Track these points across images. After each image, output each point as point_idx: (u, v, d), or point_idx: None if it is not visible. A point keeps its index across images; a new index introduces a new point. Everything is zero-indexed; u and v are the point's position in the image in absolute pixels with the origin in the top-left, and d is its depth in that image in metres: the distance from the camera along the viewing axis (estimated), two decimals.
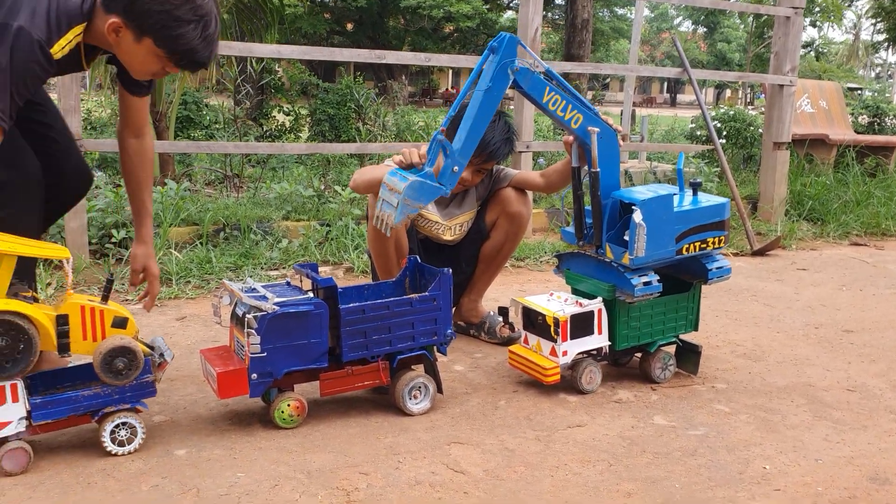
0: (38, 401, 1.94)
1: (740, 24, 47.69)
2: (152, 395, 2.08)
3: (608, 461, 2.10)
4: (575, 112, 2.42)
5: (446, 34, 32.83)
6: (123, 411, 2.03)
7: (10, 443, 1.90)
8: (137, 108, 2.46)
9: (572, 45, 13.69)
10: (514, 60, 2.31)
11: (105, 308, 1.98)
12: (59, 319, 1.93)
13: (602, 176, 2.47)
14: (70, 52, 2.05)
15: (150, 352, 2.07)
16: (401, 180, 2.25)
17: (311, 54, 4.62)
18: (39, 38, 1.91)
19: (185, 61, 2.11)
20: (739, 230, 5.42)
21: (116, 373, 1.97)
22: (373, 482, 1.94)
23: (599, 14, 34.31)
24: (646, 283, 2.47)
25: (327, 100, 9.72)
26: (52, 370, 2.10)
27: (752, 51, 30.21)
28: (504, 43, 2.29)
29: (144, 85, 2.40)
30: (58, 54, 1.98)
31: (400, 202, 2.22)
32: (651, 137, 10.94)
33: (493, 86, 2.30)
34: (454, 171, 2.30)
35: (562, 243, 4.92)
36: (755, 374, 2.82)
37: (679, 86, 55.37)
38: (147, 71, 2.17)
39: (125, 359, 1.97)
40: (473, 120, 2.30)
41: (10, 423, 1.90)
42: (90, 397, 2.00)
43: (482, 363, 2.87)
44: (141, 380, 2.03)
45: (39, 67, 1.95)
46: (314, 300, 2.20)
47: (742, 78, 7.30)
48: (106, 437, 2.01)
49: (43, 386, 2.04)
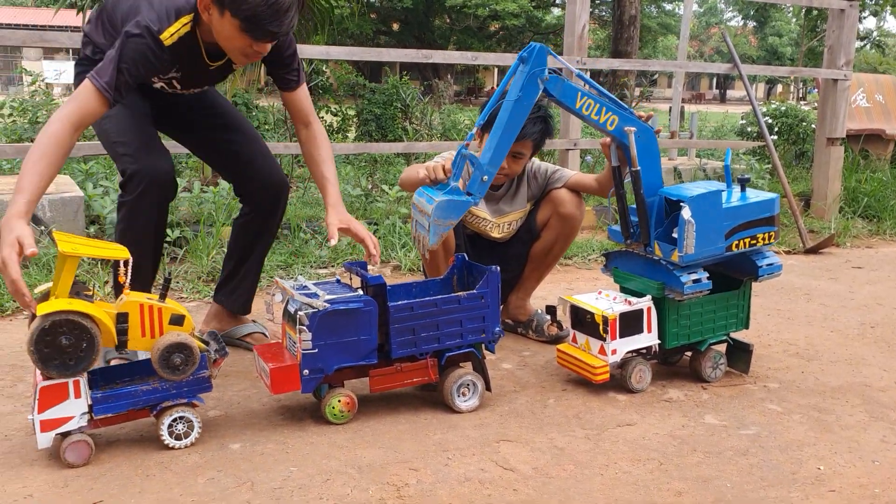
0: (99, 395, 2.01)
1: (792, 17, 46.71)
2: (208, 390, 2.13)
3: (658, 460, 2.09)
4: (610, 114, 2.41)
5: (492, 32, 32.79)
6: (180, 406, 2.09)
7: (73, 436, 1.97)
8: (294, 102, 2.62)
9: (619, 42, 13.57)
10: (543, 70, 2.30)
11: (163, 306, 2.04)
12: (119, 317, 1.99)
13: (644, 174, 2.46)
14: (182, 41, 2.26)
15: (206, 348, 2.12)
16: (428, 201, 2.27)
17: (359, 55, 4.67)
18: (149, 24, 2.19)
19: (253, 29, 2.19)
20: (792, 228, 5.32)
21: (173, 368, 2.03)
22: (423, 478, 1.96)
23: (646, 10, 33.90)
24: (695, 281, 2.45)
25: (374, 100, 9.79)
26: (112, 366, 2.17)
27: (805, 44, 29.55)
28: (534, 53, 2.29)
29: (292, 80, 2.57)
30: (168, 41, 2.23)
31: (431, 224, 2.25)
32: (700, 134, 10.80)
33: (523, 95, 2.31)
34: (483, 180, 2.31)
35: (609, 242, 4.89)
36: (808, 374, 2.78)
37: (729, 81, 54.45)
38: (237, 49, 2.28)
39: (182, 354, 2.03)
40: (503, 130, 2.32)
41: (73, 418, 1.96)
42: (148, 392, 2.06)
43: (530, 361, 2.87)
44: (197, 375, 2.09)
45: (149, 49, 2.19)
46: (364, 298, 2.23)
47: (794, 73, 7.16)
48: (164, 430, 2.07)
49: (103, 381, 2.10)
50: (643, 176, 2.45)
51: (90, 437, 2.00)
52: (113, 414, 2.04)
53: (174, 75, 2.49)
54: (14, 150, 3.82)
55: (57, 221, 3.98)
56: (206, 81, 2.64)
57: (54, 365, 1.90)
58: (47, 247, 3.87)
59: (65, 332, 1.88)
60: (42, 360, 1.88)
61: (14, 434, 2.17)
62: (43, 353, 1.88)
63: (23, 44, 3.78)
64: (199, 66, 2.48)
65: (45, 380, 1.93)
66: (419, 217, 2.32)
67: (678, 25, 36.34)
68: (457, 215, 2.30)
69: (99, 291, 2.65)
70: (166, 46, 2.23)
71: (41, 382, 1.92)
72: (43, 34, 3.72)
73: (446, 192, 2.29)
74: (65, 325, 1.88)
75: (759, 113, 5.75)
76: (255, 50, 2.28)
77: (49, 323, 1.87)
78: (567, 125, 5.12)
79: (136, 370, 2.13)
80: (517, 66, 2.33)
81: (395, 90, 9.49)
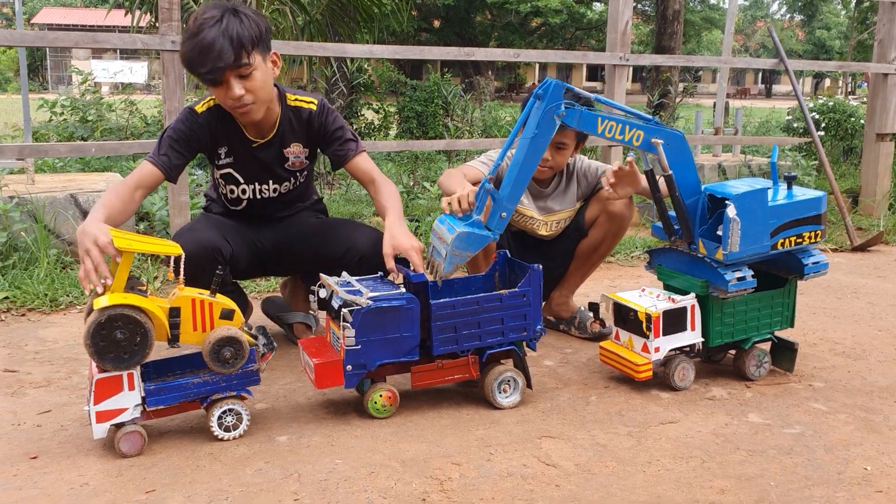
0: (152, 387, 2.07)
1: (841, 9, 45.72)
2: (257, 383, 2.18)
3: (701, 458, 2.09)
4: (634, 131, 2.40)
5: (533, 28, 32.66)
6: (230, 398, 2.14)
7: (127, 427, 2.03)
8: (355, 170, 2.71)
9: (663, 37, 13.42)
10: (559, 105, 2.31)
11: (214, 301, 2.09)
12: (171, 312, 2.05)
13: (679, 178, 2.44)
14: (213, 112, 2.56)
15: (255, 342, 2.17)
16: (448, 231, 2.30)
17: (402, 53, 4.70)
18: (191, 106, 2.57)
19: (199, 76, 2.40)
20: (839, 225, 5.23)
21: (224, 361, 2.08)
22: (465, 472, 1.99)
23: (690, 4, 33.48)
24: (740, 279, 2.44)
25: (415, 97, 9.85)
26: (164, 359, 2.23)
27: (854, 38, 28.90)
28: (549, 90, 2.30)
29: (348, 151, 2.68)
30: (199, 109, 2.55)
31: (448, 253, 2.28)
32: (745, 130, 10.64)
33: (539, 133, 2.32)
34: (502, 216, 2.34)
35: (653, 239, 4.86)
36: (855, 373, 2.74)
37: (774, 76, 53.52)
38: (223, 103, 2.48)
39: (232, 348, 2.08)
40: (520, 167, 2.34)
41: (127, 410, 2.03)
42: (199, 385, 2.11)
43: (572, 358, 2.88)
44: (246, 368, 2.14)
45: (185, 117, 2.55)
46: (406, 295, 2.26)
47: (843, 67, 7.04)
48: (214, 422, 2.12)
49: (155, 373, 2.16)
50: (678, 179, 2.44)
51: (143, 428, 2.06)
52: (165, 406, 2.11)
53: (228, 161, 2.65)
54: (67, 148, 3.93)
55: None
56: (265, 172, 2.70)
57: (109, 358, 1.96)
58: None
59: (120, 327, 1.95)
60: (98, 353, 1.95)
61: (70, 424, 2.25)
62: (99, 347, 1.94)
63: (76, 45, 3.89)
64: (243, 144, 2.62)
65: (101, 372, 1.99)
66: (437, 243, 2.35)
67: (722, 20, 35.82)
68: (475, 248, 2.33)
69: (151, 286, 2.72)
70: (199, 113, 2.55)
71: (97, 375, 1.99)
72: (95, 35, 3.82)
73: (468, 224, 2.31)
74: (120, 319, 1.95)
75: (805, 109, 5.66)
76: (229, 98, 2.42)
77: (105, 317, 1.93)
78: None
79: (186, 363, 2.19)
80: (533, 104, 2.34)
81: (437, 87, 9.53)
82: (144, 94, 11.70)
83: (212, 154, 2.65)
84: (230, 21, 2.34)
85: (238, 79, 2.38)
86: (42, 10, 39.29)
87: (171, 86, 3.85)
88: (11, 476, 1.94)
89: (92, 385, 1.99)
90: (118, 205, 2.30)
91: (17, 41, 3.82)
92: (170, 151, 2.49)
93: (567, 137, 2.88)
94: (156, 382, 2.09)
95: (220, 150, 2.64)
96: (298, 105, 2.65)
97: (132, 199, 2.38)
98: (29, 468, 1.98)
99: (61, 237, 4.00)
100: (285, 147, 2.67)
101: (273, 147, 2.66)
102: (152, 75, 29.76)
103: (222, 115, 2.57)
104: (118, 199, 2.32)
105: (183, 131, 2.52)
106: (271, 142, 2.65)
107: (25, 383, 2.57)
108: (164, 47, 3.77)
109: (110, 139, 7.43)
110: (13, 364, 2.74)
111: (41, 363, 2.76)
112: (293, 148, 2.69)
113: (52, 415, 2.32)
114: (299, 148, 2.70)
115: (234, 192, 2.73)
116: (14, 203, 3.89)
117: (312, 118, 2.66)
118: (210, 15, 2.35)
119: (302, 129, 2.68)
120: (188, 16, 6.84)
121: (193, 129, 2.54)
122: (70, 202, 4.04)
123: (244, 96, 2.41)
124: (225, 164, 2.66)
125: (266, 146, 2.65)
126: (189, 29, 2.37)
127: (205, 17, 2.35)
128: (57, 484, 1.90)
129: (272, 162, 2.69)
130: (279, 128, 2.64)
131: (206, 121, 2.55)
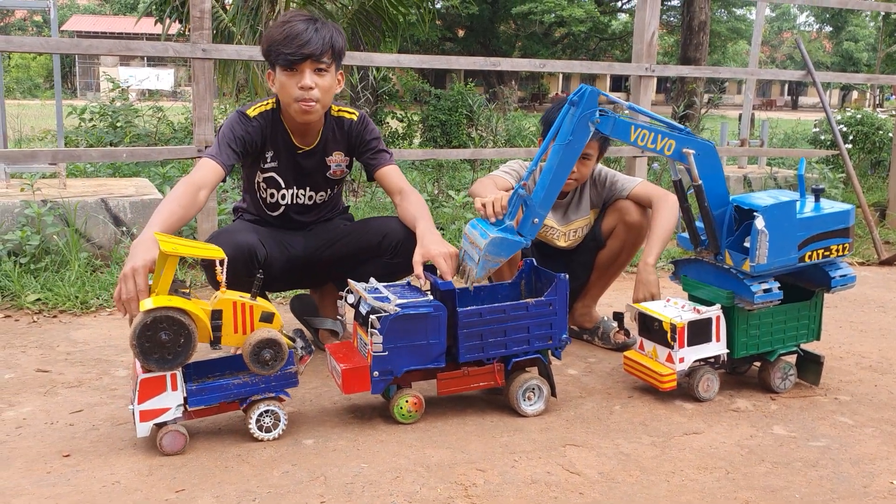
0: (194, 388, 2.12)
1: (870, 21, 45.29)
2: (294, 385, 2.22)
3: (725, 469, 2.09)
4: (666, 140, 2.41)
5: (557, 38, 32.66)
6: (268, 399, 2.18)
7: (169, 426, 2.08)
8: (384, 180, 2.79)
9: (689, 48, 13.38)
10: (594, 112, 2.33)
11: (254, 304, 2.13)
12: (213, 314, 2.09)
13: (708, 189, 2.45)
14: (265, 117, 2.65)
15: (293, 345, 2.21)
16: (481, 235, 2.32)
17: (428, 63, 4.74)
18: (242, 110, 2.66)
19: (278, 58, 2.50)
20: (866, 238, 5.19)
21: (263, 363, 2.12)
22: (490, 479, 2.00)
23: (716, 14, 33.32)
24: (766, 291, 2.44)
25: (439, 106, 9.89)
26: (204, 361, 2.26)
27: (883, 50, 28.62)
28: (585, 97, 2.32)
29: (380, 160, 2.79)
30: (251, 113, 2.64)
31: (481, 258, 2.31)
32: (771, 142, 10.58)
33: (574, 139, 2.34)
34: (534, 222, 2.36)
35: (676, 250, 4.85)
36: (881, 387, 2.73)
37: (801, 88, 53.10)
38: (290, 97, 2.54)
39: (271, 350, 2.12)
40: (554, 173, 2.36)
41: (170, 409, 2.07)
42: (239, 386, 2.16)
43: (596, 368, 2.88)
44: (285, 370, 2.18)
45: (237, 119, 2.62)
46: (434, 302, 2.28)
47: (871, 80, 6.98)
48: (252, 423, 2.16)
49: (196, 374, 2.20)
50: (707, 190, 2.45)
51: (184, 428, 2.10)
52: (206, 406, 2.15)
53: (273, 165, 2.73)
54: (100, 154, 4.00)
55: (138, 223, 4.15)
56: (306, 178, 2.79)
57: (154, 359, 2.01)
58: (128, 246, 4.03)
59: (164, 328, 1.99)
60: (143, 353, 2.00)
61: (101, 424, 2.29)
62: (144, 347, 1.99)
63: (109, 52, 3.96)
64: (289, 149, 2.72)
65: (145, 373, 2.04)
66: (469, 248, 2.38)
67: (749, 30, 35.56)
68: (507, 254, 2.35)
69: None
70: (251, 117, 2.63)
71: (141, 375, 2.03)
72: (129, 43, 3.89)
73: (500, 230, 2.33)
74: (165, 321, 1.99)
75: (833, 121, 5.63)
76: (300, 90, 2.51)
77: (151, 319, 1.98)
78: None
79: (226, 365, 2.23)
80: (567, 110, 2.36)
81: (461, 97, 9.56)
82: (171, 101, 11.83)
83: (258, 157, 2.73)
84: (323, 24, 2.53)
85: (314, 72, 2.52)
86: (72, 17, 39.90)
87: (201, 93, 3.91)
88: (45, 474, 1.98)
89: (137, 385, 2.03)
90: (179, 211, 2.35)
91: (52, 48, 3.90)
92: (228, 151, 2.57)
93: (591, 148, 2.89)
94: (197, 383, 2.13)
95: (267, 154, 2.73)
96: (341, 115, 2.78)
97: (194, 202, 2.43)
98: (62, 466, 2.02)
99: (92, 241, 4.07)
100: (328, 155, 2.78)
101: (316, 155, 2.76)
102: (178, 82, 30.07)
103: (273, 120, 2.68)
104: (179, 206, 2.36)
105: (239, 133, 2.61)
106: (315, 149, 2.75)
107: (58, 383, 2.62)
108: (195, 55, 3.83)
109: (139, 145, 7.54)
110: (46, 364, 2.80)
111: (73, 364, 2.81)
112: (335, 156, 2.80)
113: (83, 414, 2.36)
114: (340, 156, 2.81)
115: (275, 196, 2.80)
116: (48, 207, 3.96)
117: (353, 127, 2.78)
118: (303, 14, 2.54)
119: (343, 138, 2.79)
120: (217, 23, 6.94)
121: (248, 132, 2.63)
122: (101, 206, 4.11)
123: (314, 90, 2.52)
124: (269, 168, 2.75)
125: (310, 153, 2.75)
126: (276, 21, 2.54)
127: (297, 13, 2.53)
128: (89, 482, 1.94)
129: (314, 169, 2.78)
130: (323, 136, 2.75)
131: (258, 124, 2.65)
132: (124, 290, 2.06)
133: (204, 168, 2.52)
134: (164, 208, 2.34)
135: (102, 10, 44.33)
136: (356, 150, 2.82)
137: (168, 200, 2.38)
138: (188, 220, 2.44)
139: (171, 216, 2.32)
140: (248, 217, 2.90)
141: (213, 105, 4.00)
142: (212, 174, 2.52)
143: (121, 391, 2.55)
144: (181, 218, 2.37)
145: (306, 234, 2.86)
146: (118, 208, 4.15)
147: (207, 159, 2.54)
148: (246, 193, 2.91)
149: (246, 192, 2.91)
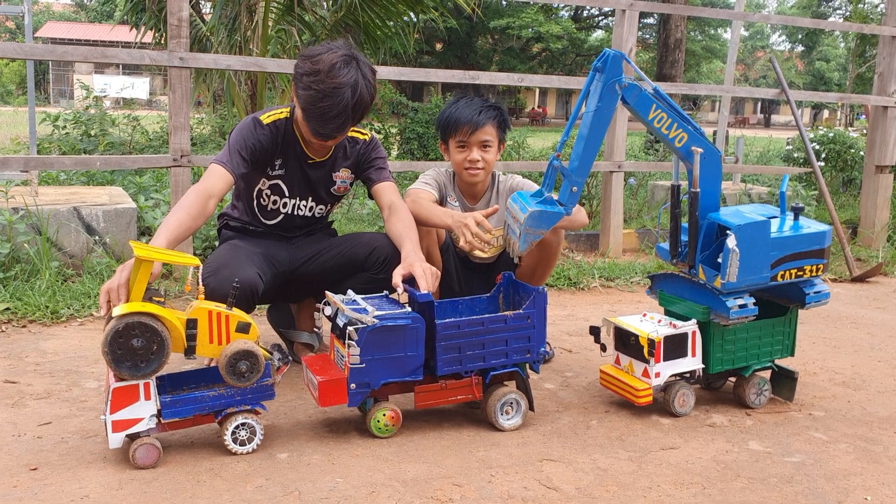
0: (168, 399, 2.08)
1: (840, 42, 46.08)
2: (271, 397, 2.19)
3: (702, 484, 2.09)
4: (679, 131, 2.41)
5: (534, 53, 32.90)
6: (244, 412, 2.15)
7: (143, 438, 2.04)
8: (379, 193, 2.80)
9: (665, 65, 13.54)
10: (620, 77, 2.33)
11: (230, 314, 2.10)
12: (188, 323, 2.06)
13: (702, 196, 2.46)
14: (278, 125, 2.66)
15: (270, 357, 2.18)
16: (521, 209, 2.32)
17: (407, 75, 4.74)
18: (255, 116, 2.66)
19: (306, 118, 2.51)
20: (838, 255, 5.26)
21: (239, 375, 2.09)
22: (466, 494, 1.98)
23: (691, 34, 33.72)
24: (741, 306, 2.45)
25: (417, 119, 9.89)
26: (179, 373, 2.22)
27: (854, 70, 29.11)
28: (609, 61, 2.31)
29: (379, 175, 2.82)
30: (265, 120, 2.65)
31: (522, 232, 2.31)
32: (746, 159, 10.70)
33: (602, 105, 2.33)
34: (573, 190, 2.36)
35: (652, 264, 4.88)
36: (855, 403, 2.75)
37: (773, 106, 53.84)
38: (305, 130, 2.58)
39: (248, 362, 2.09)
40: (586, 140, 2.35)
41: (143, 420, 2.03)
42: (215, 398, 2.12)
43: (573, 382, 2.88)
44: (261, 382, 2.15)
45: (250, 125, 2.63)
46: (412, 314, 2.27)
47: (843, 99, 7.09)
48: (228, 436, 2.13)
49: (171, 386, 2.16)
50: (702, 198, 2.45)
51: (158, 441, 2.07)
52: (180, 418, 2.11)
53: (280, 173, 2.73)
54: (73, 162, 3.95)
55: (111, 232, 4.09)
56: (310, 189, 2.80)
57: (126, 366, 1.97)
58: (100, 255, 3.98)
59: (137, 335, 1.96)
60: (115, 360, 1.96)
61: (70, 436, 2.24)
62: (116, 354, 1.95)
63: (84, 59, 3.92)
64: (299, 159, 2.73)
65: (118, 381, 2.00)
66: (511, 223, 2.38)
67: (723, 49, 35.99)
68: (548, 225, 2.34)
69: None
70: (265, 125, 2.64)
71: (114, 384, 1.99)
72: (105, 50, 3.86)
73: (539, 203, 2.33)
74: (137, 327, 1.95)
75: (806, 139, 5.70)
76: (323, 143, 2.62)
77: (123, 325, 1.94)
78: (612, 147, 5.13)
79: (201, 377, 2.20)
80: (593, 77, 2.35)
81: (438, 109, 9.57)
82: (147, 109, 11.74)
83: (266, 164, 2.71)
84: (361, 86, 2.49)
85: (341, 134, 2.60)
86: (46, 23, 39.51)
87: (177, 102, 3.88)
88: (11, 487, 1.93)
89: (109, 394, 1.99)
90: (188, 221, 2.36)
91: (26, 54, 3.85)
92: (238, 158, 2.57)
93: (488, 134, 2.87)
94: (171, 395, 2.09)
95: (276, 162, 2.72)
96: (355, 136, 2.84)
97: (203, 212, 2.43)
98: (29, 479, 1.98)
99: (63, 250, 4.01)
100: (335, 171, 2.81)
101: (324, 168, 2.78)
102: (153, 91, 29.87)
103: (286, 130, 2.70)
104: (189, 215, 2.37)
105: (250, 141, 2.60)
106: (324, 163, 2.78)
107: (26, 395, 2.56)
108: (172, 63, 3.80)
109: (114, 153, 7.45)
110: (14, 375, 2.74)
111: (41, 375, 2.75)
112: (342, 172, 2.83)
113: (52, 426, 2.31)
114: (347, 173, 2.84)
115: (277, 203, 2.79)
116: (19, 215, 3.90)
117: (363, 147, 2.83)
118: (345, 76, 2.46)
119: (352, 155, 2.83)
120: (195, 32, 6.90)
121: (260, 139, 2.63)
122: (73, 215, 4.05)
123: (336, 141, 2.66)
124: (276, 175, 2.75)
125: (318, 165, 2.77)
126: (319, 70, 2.45)
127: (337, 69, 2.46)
128: (57, 496, 1.89)
129: (319, 182, 2.80)
130: (334, 152, 2.78)
131: (271, 132, 2.65)
132: (116, 278, 2.06)
133: (214, 176, 2.51)
134: (173, 217, 2.34)
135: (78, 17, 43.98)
136: (361, 168, 2.85)
137: (178, 209, 2.37)
138: (196, 229, 2.44)
139: (179, 226, 2.32)
140: (234, 224, 2.86)
141: (189, 114, 3.97)
142: (221, 182, 2.51)
143: (91, 403, 2.51)
144: (189, 228, 2.37)
145: (290, 246, 2.84)
146: (91, 217, 4.09)
147: (217, 166, 2.53)
148: (238, 201, 2.88)
149: (238, 200, 2.87)
